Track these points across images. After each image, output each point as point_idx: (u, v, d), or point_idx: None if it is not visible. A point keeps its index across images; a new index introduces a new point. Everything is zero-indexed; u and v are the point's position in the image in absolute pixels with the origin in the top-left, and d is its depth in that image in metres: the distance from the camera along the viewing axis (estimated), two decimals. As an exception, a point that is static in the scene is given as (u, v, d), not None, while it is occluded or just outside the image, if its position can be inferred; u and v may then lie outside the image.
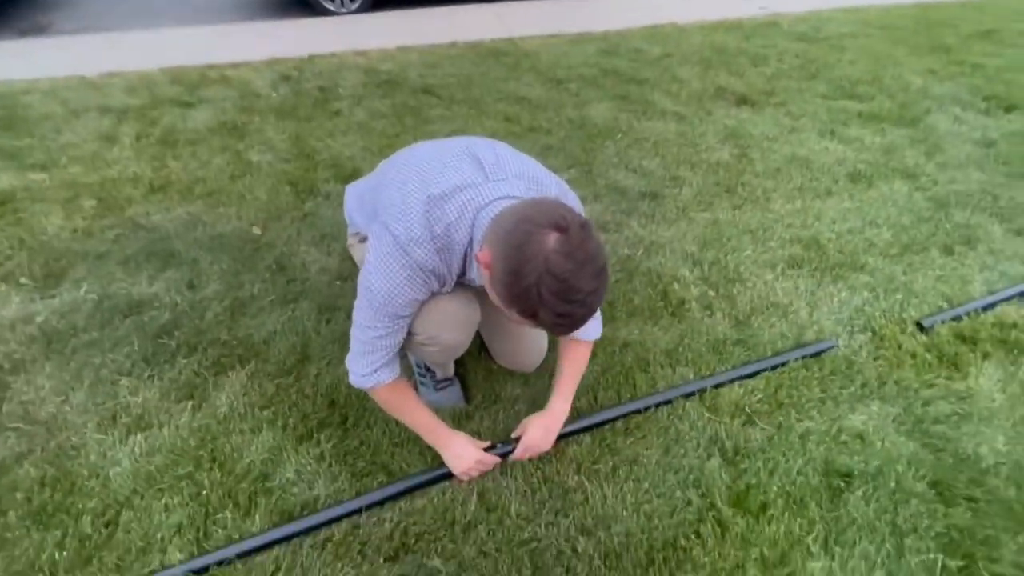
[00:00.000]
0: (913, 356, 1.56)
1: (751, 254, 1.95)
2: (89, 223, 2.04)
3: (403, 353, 1.19)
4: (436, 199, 0.98)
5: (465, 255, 1.01)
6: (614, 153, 2.57)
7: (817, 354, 1.56)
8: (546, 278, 0.82)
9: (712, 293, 1.78)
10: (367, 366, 1.10)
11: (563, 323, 0.87)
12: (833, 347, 1.58)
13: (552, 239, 0.82)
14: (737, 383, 1.47)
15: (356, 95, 3.08)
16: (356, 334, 1.09)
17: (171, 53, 3.50)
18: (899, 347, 1.59)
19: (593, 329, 1.23)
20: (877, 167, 2.50)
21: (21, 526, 1.15)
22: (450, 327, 1.15)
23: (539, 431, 1.23)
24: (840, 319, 1.69)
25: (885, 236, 2.06)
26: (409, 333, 1.12)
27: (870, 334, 1.64)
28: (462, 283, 1.10)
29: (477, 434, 1.34)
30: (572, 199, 1.11)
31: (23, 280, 1.78)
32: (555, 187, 1.08)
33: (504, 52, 3.76)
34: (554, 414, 1.25)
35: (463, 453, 1.20)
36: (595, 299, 0.86)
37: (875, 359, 1.56)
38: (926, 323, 1.65)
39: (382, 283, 1.00)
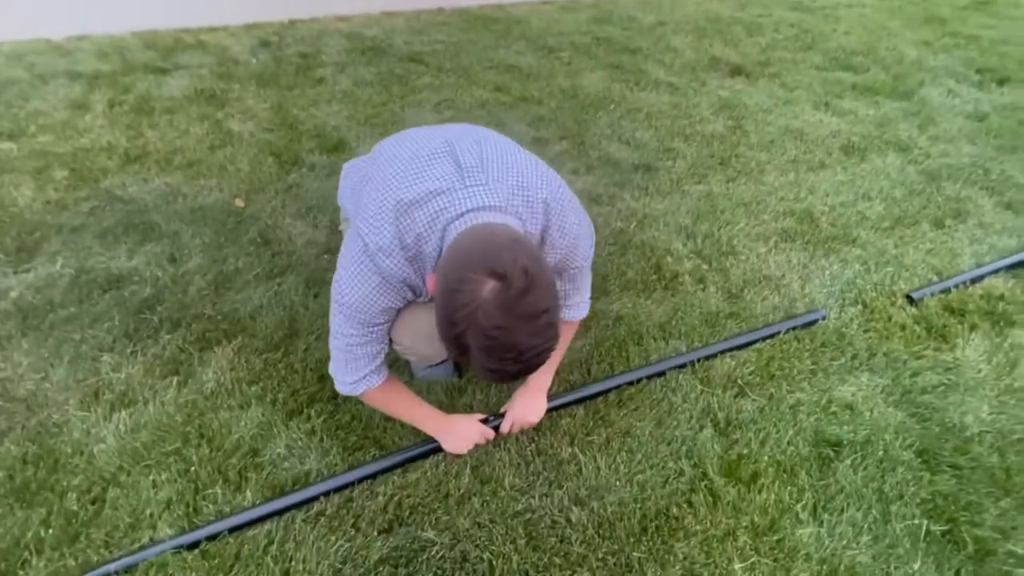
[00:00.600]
0: (902, 328, 1.57)
1: (744, 227, 1.94)
2: (62, 195, 1.95)
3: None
4: (407, 206, 0.89)
5: (435, 268, 0.91)
6: (607, 124, 2.52)
7: (807, 325, 1.56)
8: (473, 332, 0.75)
9: (705, 266, 1.77)
10: (351, 374, 1.05)
11: (494, 376, 0.80)
12: (822, 318, 1.59)
13: (487, 289, 0.73)
14: (729, 355, 1.47)
15: (340, 62, 2.96)
16: (333, 342, 1.05)
17: (143, 16, 3.32)
18: (889, 319, 1.60)
19: (579, 310, 1.17)
20: (870, 140, 2.48)
21: (4, 504, 1.12)
22: (424, 340, 1.10)
23: (521, 402, 1.22)
24: (831, 292, 1.69)
25: (877, 209, 2.05)
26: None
27: (861, 307, 1.65)
28: None
29: (470, 408, 1.33)
30: (567, 202, 0.99)
31: (-6, 254, 1.71)
32: (545, 190, 0.95)
33: (493, 18, 3.64)
34: (534, 386, 1.24)
35: (463, 431, 1.19)
36: (534, 356, 0.77)
37: (865, 331, 1.57)
38: (916, 296, 1.66)
39: (352, 291, 0.95)
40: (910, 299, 1.67)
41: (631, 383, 1.38)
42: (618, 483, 1.19)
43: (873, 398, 1.39)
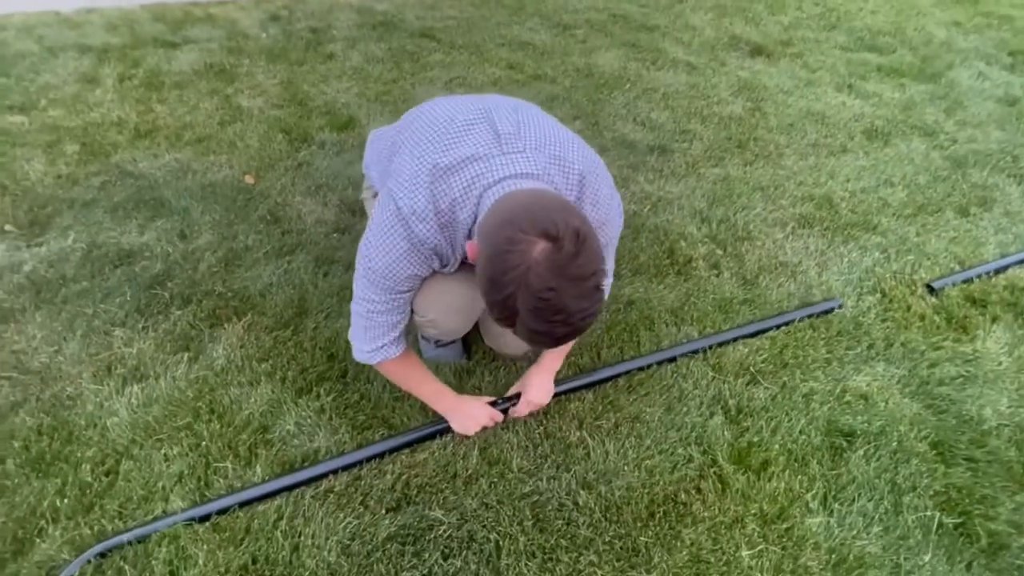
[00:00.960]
0: (922, 318, 1.54)
1: (761, 212, 1.89)
2: (73, 169, 1.95)
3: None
4: (443, 171, 0.89)
5: (469, 235, 0.92)
6: (622, 104, 2.46)
7: (822, 313, 1.53)
8: (523, 293, 0.74)
9: (720, 251, 1.74)
10: (370, 342, 1.05)
11: (541, 340, 0.79)
12: (838, 307, 1.55)
13: (538, 249, 0.73)
14: (742, 343, 1.45)
15: (350, 37, 2.91)
16: (354, 307, 1.04)
17: (152, -12, 3.27)
18: (908, 309, 1.56)
19: None
20: (895, 124, 2.40)
21: (20, 474, 1.14)
22: (451, 313, 1.10)
23: (536, 383, 1.22)
24: (849, 280, 1.66)
25: (900, 196, 2.00)
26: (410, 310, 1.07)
27: (879, 295, 1.61)
28: (469, 263, 1.02)
29: (478, 390, 1.33)
30: (601, 176, 0.98)
31: (8, 227, 1.72)
32: (581, 162, 0.94)
33: (507, -6, 3.54)
34: (546, 366, 1.23)
35: (473, 413, 1.19)
36: (581, 319, 0.76)
37: (883, 321, 1.53)
38: (936, 285, 1.62)
39: (380, 255, 0.94)
40: (930, 289, 1.62)
41: (641, 368, 1.36)
42: (626, 468, 1.19)
43: (889, 388, 1.36)
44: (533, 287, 0.73)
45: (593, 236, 0.77)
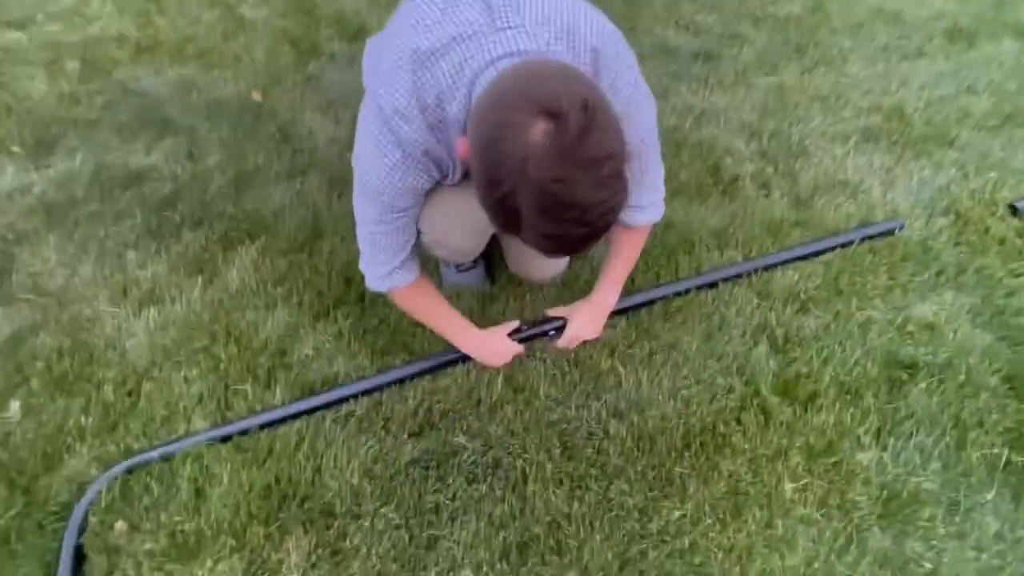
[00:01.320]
0: (1001, 242, 1.36)
1: (819, 124, 1.68)
2: (75, 87, 1.85)
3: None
4: (425, 56, 0.73)
5: (464, 131, 0.76)
6: (663, 6, 2.18)
7: (881, 235, 1.37)
8: (524, 189, 0.59)
9: (770, 169, 1.56)
10: (378, 267, 0.94)
11: (552, 246, 0.65)
12: (900, 228, 1.38)
13: (538, 132, 0.57)
14: (792, 268, 1.31)
15: (359, -63, 2.62)
16: (358, 230, 0.93)
17: None
18: (985, 231, 1.39)
19: (650, 212, 0.99)
20: (983, 22, 2.07)
21: (45, 393, 1.14)
22: (459, 231, 0.97)
23: (584, 318, 1.10)
24: (919, 200, 1.47)
25: (983, 105, 1.74)
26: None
27: (953, 217, 1.43)
28: None
29: (503, 315, 1.25)
30: (622, 56, 0.80)
31: (15, 149, 1.66)
32: (595, 36, 0.76)
33: None
34: (600, 303, 1.11)
35: (497, 349, 1.10)
36: (599, 216, 0.61)
37: (955, 244, 1.37)
38: (1020, 205, 1.43)
39: (371, 166, 0.81)
40: (1013, 209, 1.43)
41: (679, 294, 1.26)
42: (660, 397, 1.11)
43: (958, 318, 1.23)
44: (535, 179, 0.58)
45: (607, 107, 0.60)
